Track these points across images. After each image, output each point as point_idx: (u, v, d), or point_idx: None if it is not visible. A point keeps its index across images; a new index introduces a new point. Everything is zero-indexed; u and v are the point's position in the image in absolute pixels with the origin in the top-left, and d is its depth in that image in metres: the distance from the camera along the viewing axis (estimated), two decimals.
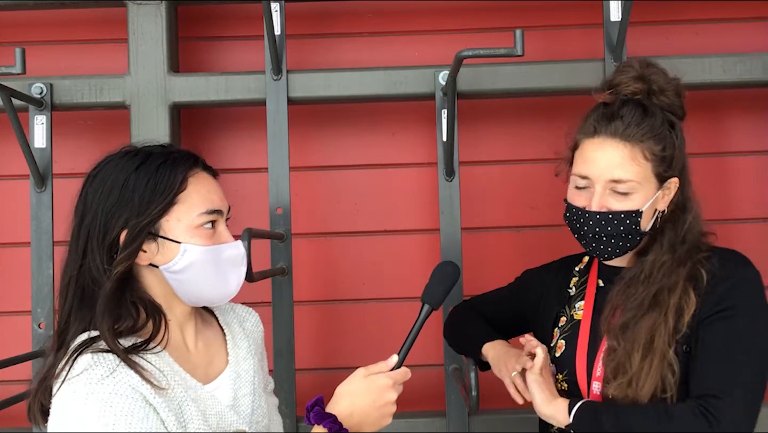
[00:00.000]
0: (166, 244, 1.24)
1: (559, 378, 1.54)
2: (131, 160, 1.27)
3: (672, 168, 1.47)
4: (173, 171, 1.26)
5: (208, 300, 1.33)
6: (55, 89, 2.15)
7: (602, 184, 1.45)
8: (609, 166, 1.44)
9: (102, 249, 1.22)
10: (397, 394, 1.25)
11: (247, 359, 1.38)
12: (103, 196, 1.24)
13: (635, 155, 1.44)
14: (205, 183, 1.30)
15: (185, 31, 2.32)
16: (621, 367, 1.41)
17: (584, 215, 1.47)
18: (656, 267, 1.46)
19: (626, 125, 1.44)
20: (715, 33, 2.36)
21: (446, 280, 1.38)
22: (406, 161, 2.37)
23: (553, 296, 1.64)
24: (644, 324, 1.41)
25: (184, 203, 1.26)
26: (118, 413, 1.12)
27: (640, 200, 1.45)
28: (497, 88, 2.16)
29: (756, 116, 2.34)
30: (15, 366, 1.93)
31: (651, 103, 1.48)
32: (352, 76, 2.18)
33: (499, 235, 2.36)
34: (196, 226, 1.26)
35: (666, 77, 1.51)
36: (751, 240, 2.30)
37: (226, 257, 1.30)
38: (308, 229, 2.35)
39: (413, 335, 1.32)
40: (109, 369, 1.15)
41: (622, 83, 1.50)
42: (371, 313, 2.35)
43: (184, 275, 1.25)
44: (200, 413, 1.23)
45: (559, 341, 1.56)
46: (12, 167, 2.32)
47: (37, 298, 2.11)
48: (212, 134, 2.38)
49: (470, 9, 2.37)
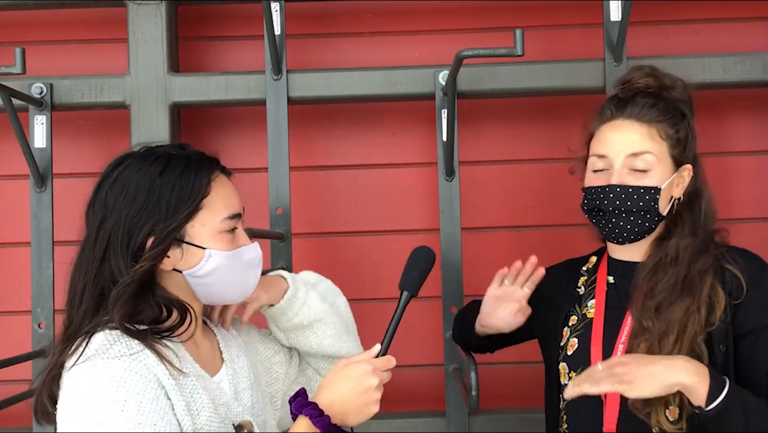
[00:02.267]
0: (190, 249, 1.25)
1: (572, 376, 1.53)
2: (154, 164, 1.26)
3: (686, 154, 1.52)
4: (198, 176, 1.26)
5: (229, 301, 1.37)
6: (55, 89, 2.15)
7: (621, 161, 1.49)
8: (627, 143, 1.49)
9: (126, 254, 1.22)
10: (380, 380, 1.24)
11: (240, 357, 1.39)
12: (127, 201, 1.23)
13: (652, 134, 1.49)
14: (226, 187, 1.31)
15: (185, 31, 2.32)
16: (652, 349, 1.41)
17: (604, 191, 1.49)
18: (681, 249, 1.48)
19: (641, 108, 1.50)
20: (715, 33, 2.36)
21: (419, 263, 1.36)
22: (406, 161, 2.37)
23: (561, 297, 1.63)
24: (679, 307, 1.42)
25: (209, 208, 1.27)
26: (131, 390, 1.13)
27: (658, 178, 1.48)
28: (497, 88, 2.16)
29: (756, 116, 2.34)
30: (15, 366, 1.93)
31: (662, 94, 1.54)
32: (352, 76, 2.18)
33: (499, 235, 2.36)
34: (220, 231, 1.27)
35: (673, 77, 1.57)
36: (751, 240, 2.28)
37: (246, 260, 1.32)
38: (308, 229, 2.35)
39: (395, 322, 1.31)
40: (126, 346, 1.16)
41: (634, 78, 1.56)
42: (371, 313, 2.34)
43: (208, 279, 1.27)
44: (211, 401, 1.23)
45: (571, 339, 1.56)
46: (12, 167, 2.32)
47: (37, 298, 2.11)
48: (212, 134, 2.38)
49: (470, 9, 2.37)
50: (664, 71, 1.58)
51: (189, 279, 1.27)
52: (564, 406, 1.56)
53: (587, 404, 1.48)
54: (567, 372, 1.54)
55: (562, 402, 1.57)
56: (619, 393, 1.41)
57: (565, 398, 1.49)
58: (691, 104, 1.58)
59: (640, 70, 1.57)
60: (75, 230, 2.38)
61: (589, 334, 1.53)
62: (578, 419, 1.53)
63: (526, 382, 2.24)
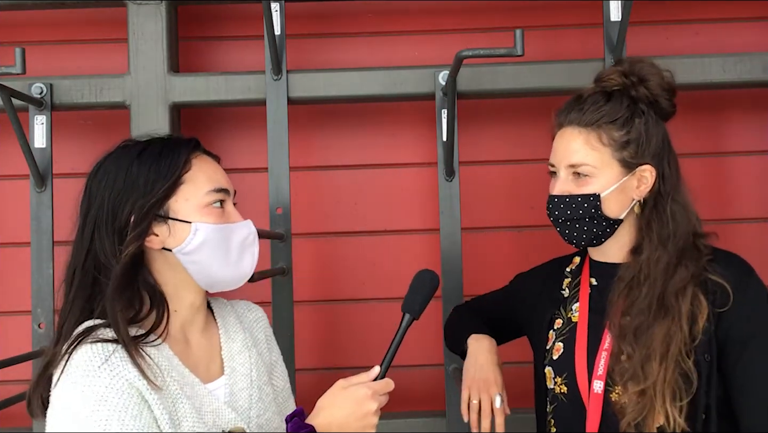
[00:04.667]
0: (176, 225, 1.25)
1: (558, 381, 1.53)
2: (132, 149, 1.28)
3: (640, 155, 1.48)
4: (176, 153, 1.27)
5: (223, 282, 1.32)
6: (55, 89, 2.15)
7: (564, 170, 1.51)
8: (567, 152, 1.50)
9: (111, 234, 1.23)
10: (379, 404, 1.23)
11: (243, 352, 1.36)
12: (108, 185, 1.25)
13: (590, 140, 1.48)
14: (208, 164, 1.31)
15: (185, 31, 2.32)
16: (635, 375, 1.40)
17: (549, 200, 1.53)
18: (652, 265, 1.45)
19: (583, 112, 1.50)
20: (715, 33, 2.36)
21: (424, 288, 1.36)
22: (406, 161, 2.38)
23: (545, 299, 1.63)
24: (658, 331, 1.40)
25: (191, 183, 1.26)
26: (112, 408, 1.12)
27: (599, 185, 1.47)
28: (497, 88, 2.16)
29: (756, 116, 2.34)
30: (15, 366, 1.93)
31: (623, 93, 1.51)
32: (352, 76, 2.18)
33: (499, 235, 2.36)
34: (205, 205, 1.26)
35: (653, 69, 1.52)
36: (751, 240, 2.30)
37: (238, 237, 1.30)
38: (308, 229, 2.35)
39: (395, 345, 1.30)
40: (106, 360, 1.15)
41: (604, 75, 1.55)
42: (371, 313, 2.35)
43: (197, 256, 1.25)
44: (194, 410, 1.22)
45: (556, 343, 1.56)
46: (12, 167, 2.32)
47: (37, 298, 2.11)
48: (212, 134, 2.38)
49: (470, 9, 2.37)
50: (647, 63, 1.52)
51: (179, 257, 1.25)
52: (551, 410, 1.56)
53: (572, 408, 1.49)
54: (553, 376, 1.54)
55: (549, 406, 1.56)
56: (603, 388, 1.43)
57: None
58: (667, 98, 1.52)
59: (618, 65, 1.55)
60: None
61: (574, 339, 1.53)
62: (565, 422, 1.53)
63: (524, 382, 2.24)
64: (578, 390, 1.49)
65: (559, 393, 1.52)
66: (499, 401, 1.51)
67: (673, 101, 1.54)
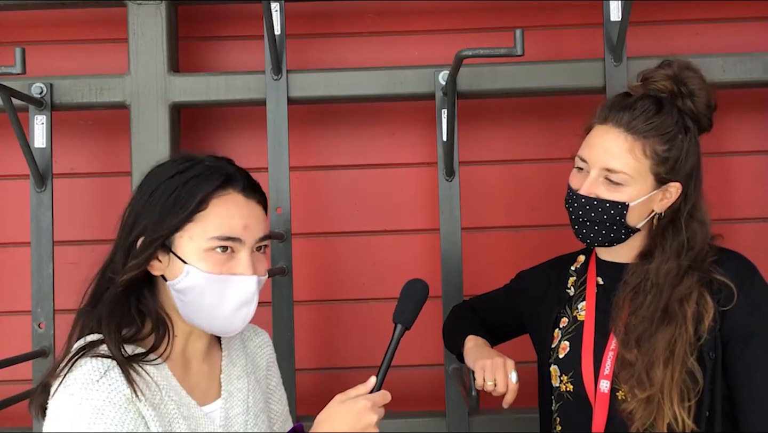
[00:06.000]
0: (175, 260, 1.22)
1: (564, 379, 1.53)
2: (171, 167, 1.26)
3: (675, 172, 1.47)
4: (198, 187, 1.22)
5: (208, 329, 1.28)
6: (55, 89, 2.15)
7: (597, 170, 1.47)
8: (606, 155, 1.46)
9: (123, 249, 1.23)
10: (378, 417, 1.22)
11: (242, 378, 1.35)
12: (138, 198, 1.25)
13: (634, 149, 1.45)
14: (231, 207, 1.24)
15: (185, 31, 2.32)
16: (641, 382, 1.40)
17: (573, 197, 1.50)
18: (662, 275, 1.45)
19: (634, 117, 1.46)
20: (715, 33, 2.36)
21: (414, 296, 1.35)
22: (406, 161, 2.37)
23: (550, 297, 1.63)
24: (662, 338, 1.41)
25: (200, 223, 1.22)
26: (109, 422, 1.12)
27: (630, 194, 1.46)
28: (497, 88, 2.16)
29: (756, 116, 2.34)
30: (15, 366, 1.93)
31: (672, 103, 1.49)
32: (352, 76, 2.17)
33: (499, 235, 2.35)
34: (206, 249, 1.21)
35: (702, 83, 1.51)
36: (751, 240, 2.30)
37: (234, 291, 1.24)
38: (308, 229, 2.35)
39: (389, 356, 1.29)
40: (104, 374, 1.15)
41: (654, 78, 1.52)
42: (371, 313, 2.35)
43: (184, 296, 1.23)
44: (190, 431, 1.21)
45: (563, 342, 1.56)
46: (12, 167, 2.32)
47: (37, 298, 2.11)
48: (212, 134, 2.38)
49: (470, 9, 2.36)
50: (695, 73, 1.51)
51: (171, 290, 1.24)
52: (556, 408, 1.56)
53: (578, 406, 1.49)
54: (558, 375, 1.54)
55: (554, 404, 1.56)
56: (609, 388, 1.43)
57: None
58: (709, 117, 1.52)
59: (665, 70, 1.52)
60: (75, 230, 2.39)
61: (581, 338, 1.53)
62: (570, 420, 1.53)
63: (525, 382, 2.24)
64: (584, 389, 1.49)
65: (565, 392, 1.52)
66: (515, 377, 1.48)
67: (712, 120, 1.54)
